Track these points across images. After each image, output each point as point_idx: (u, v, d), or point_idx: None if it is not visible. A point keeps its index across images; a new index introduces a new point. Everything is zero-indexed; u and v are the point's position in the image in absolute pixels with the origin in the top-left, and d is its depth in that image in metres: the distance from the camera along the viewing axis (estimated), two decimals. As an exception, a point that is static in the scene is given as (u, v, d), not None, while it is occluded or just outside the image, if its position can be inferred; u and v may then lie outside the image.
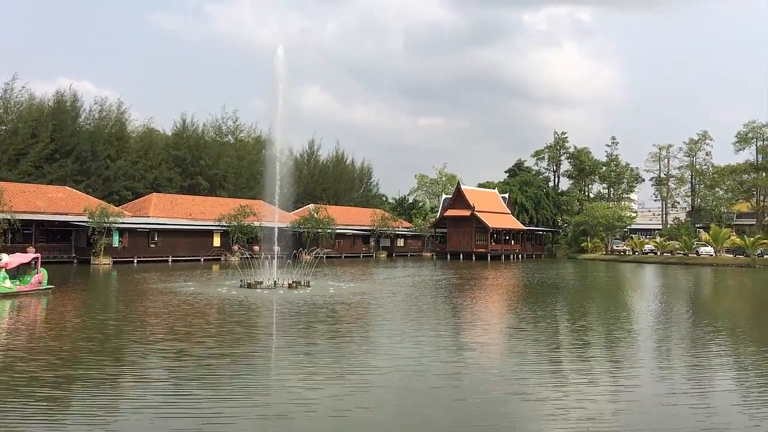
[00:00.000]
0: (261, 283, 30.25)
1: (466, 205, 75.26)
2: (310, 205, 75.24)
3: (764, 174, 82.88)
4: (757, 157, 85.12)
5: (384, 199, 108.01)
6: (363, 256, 74.92)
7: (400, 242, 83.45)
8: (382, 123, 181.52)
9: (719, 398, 11.26)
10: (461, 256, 74.58)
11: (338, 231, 70.86)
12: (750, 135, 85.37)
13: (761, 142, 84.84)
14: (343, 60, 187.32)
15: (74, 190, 59.12)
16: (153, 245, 54.70)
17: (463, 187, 79.32)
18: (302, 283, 30.79)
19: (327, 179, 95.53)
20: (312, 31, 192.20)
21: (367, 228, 77.41)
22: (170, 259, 54.58)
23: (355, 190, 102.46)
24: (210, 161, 78.14)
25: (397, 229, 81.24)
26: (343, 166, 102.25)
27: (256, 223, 58.97)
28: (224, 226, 59.94)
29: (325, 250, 46.58)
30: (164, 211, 61.23)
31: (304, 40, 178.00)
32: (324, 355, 14.69)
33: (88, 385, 11.50)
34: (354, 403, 10.47)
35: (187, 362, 13.43)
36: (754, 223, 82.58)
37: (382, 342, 16.63)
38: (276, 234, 40.46)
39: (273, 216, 44.58)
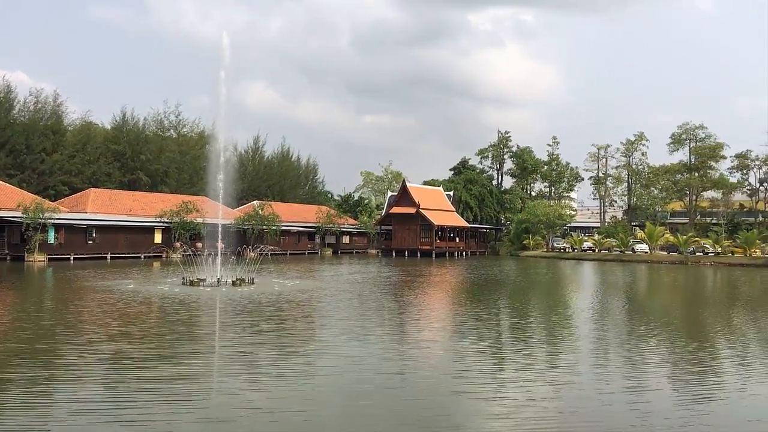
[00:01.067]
0: (204, 280, 29.67)
1: (412, 203, 75.58)
2: (254, 202, 74.34)
3: (696, 174, 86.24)
4: (690, 158, 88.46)
5: (330, 196, 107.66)
6: (308, 253, 74.50)
7: (346, 239, 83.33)
8: (329, 120, 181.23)
9: (657, 395, 11.56)
10: (406, 253, 74.94)
11: (283, 228, 70.22)
12: (683, 136, 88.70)
13: (694, 144, 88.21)
14: (290, 56, 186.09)
15: (7, 184, 56.80)
16: (91, 242, 53.03)
17: (408, 184, 79.66)
18: (246, 281, 30.36)
19: (272, 176, 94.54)
20: (257, 27, 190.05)
21: (313, 225, 77.01)
22: (109, 256, 53.04)
23: (300, 187, 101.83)
24: (151, 156, 76.25)
25: (342, 226, 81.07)
26: (289, 163, 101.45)
27: (199, 220, 57.89)
28: (166, 222, 58.61)
29: (270, 247, 46.00)
30: (103, 206, 59.45)
31: (249, 35, 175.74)
32: (268, 355, 14.49)
33: (17, 389, 10.98)
34: (299, 405, 10.30)
35: (124, 364, 13.02)
36: (686, 221, 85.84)
37: (328, 341, 16.48)
38: (220, 231, 39.81)
39: (216, 212, 43.79)
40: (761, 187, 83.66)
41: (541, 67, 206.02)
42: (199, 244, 51.42)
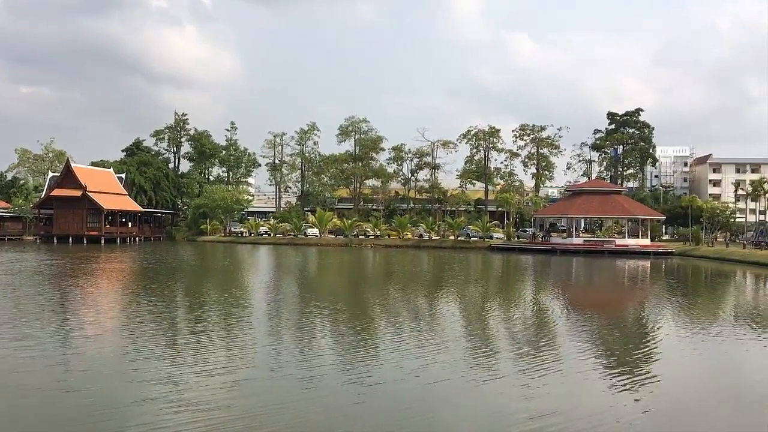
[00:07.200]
0: None
1: (77, 185, 69.95)
2: None
3: (360, 164, 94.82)
4: (355, 149, 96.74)
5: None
6: (-56, 242, 63.52)
7: (-5, 225, 73.16)
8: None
9: (323, 371, 12.67)
10: (71, 239, 68.93)
11: None
12: (350, 129, 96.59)
13: (359, 136, 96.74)
14: None
15: None
16: None
17: (73, 165, 73.35)
18: None
19: None
20: None
21: (-50, 208, 65.91)
22: None
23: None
24: None
25: (-10, 209, 70.96)
26: None
27: None
28: None
29: None
30: None
31: None
32: None
33: None
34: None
35: None
36: (351, 207, 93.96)
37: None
38: None
39: None
40: (412, 177, 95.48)
41: (219, 52, 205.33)
42: None
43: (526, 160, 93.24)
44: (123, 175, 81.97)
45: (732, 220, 77.11)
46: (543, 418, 9.71)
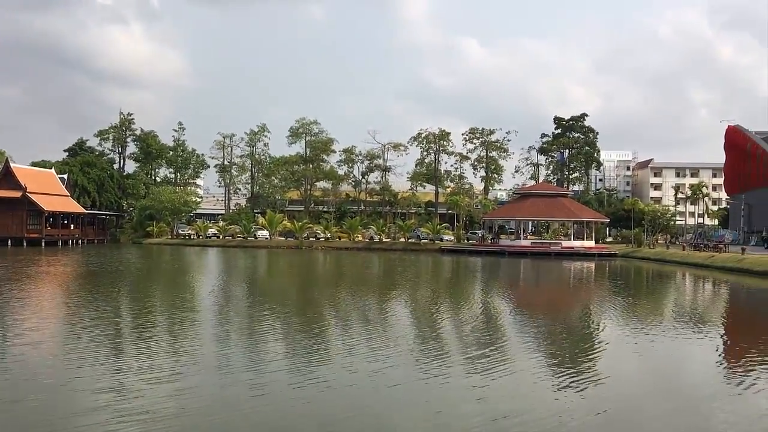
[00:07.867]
0: None
1: (17, 186, 67.81)
2: None
3: (311, 166, 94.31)
4: (306, 151, 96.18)
5: None
6: None
7: (-73, 227, 69.87)
8: None
9: (275, 376, 12.50)
10: (9, 242, 66.55)
11: None
12: (300, 130, 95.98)
13: (309, 137, 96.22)
14: None
15: None
16: None
17: (12, 165, 71.00)
18: None
19: None
20: None
21: None
22: None
23: None
24: None
25: None
26: None
27: None
28: None
29: None
30: None
31: None
32: None
33: None
34: None
35: None
36: (302, 209, 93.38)
37: None
38: None
39: None
40: (363, 179, 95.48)
41: (166, 51, 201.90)
42: None
43: (476, 163, 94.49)
44: (65, 176, 79.48)
45: (672, 222, 79.71)
46: (495, 420, 9.82)
